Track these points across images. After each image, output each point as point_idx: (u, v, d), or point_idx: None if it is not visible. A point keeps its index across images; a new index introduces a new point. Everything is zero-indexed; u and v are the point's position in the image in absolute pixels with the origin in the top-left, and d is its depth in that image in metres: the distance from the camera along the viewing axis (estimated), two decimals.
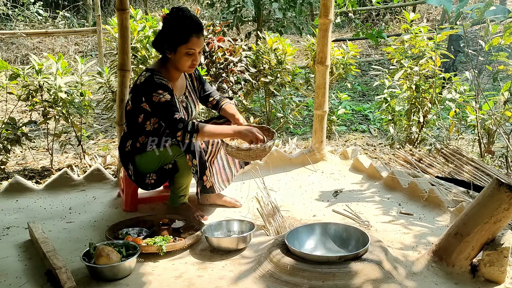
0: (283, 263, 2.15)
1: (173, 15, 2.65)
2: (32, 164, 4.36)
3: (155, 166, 2.72)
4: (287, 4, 7.14)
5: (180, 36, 2.61)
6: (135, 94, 2.70)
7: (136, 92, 2.69)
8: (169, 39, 2.64)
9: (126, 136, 2.82)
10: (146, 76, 2.65)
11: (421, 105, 4.30)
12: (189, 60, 2.66)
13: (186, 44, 2.61)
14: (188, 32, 2.60)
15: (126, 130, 2.85)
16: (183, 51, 2.63)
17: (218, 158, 2.96)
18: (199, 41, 2.64)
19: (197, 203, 3.04)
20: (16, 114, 5.77)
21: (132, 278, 2.22)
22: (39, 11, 10.43)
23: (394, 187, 3.29)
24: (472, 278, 2.15)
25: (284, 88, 5.10)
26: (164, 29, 2.68)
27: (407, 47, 4.27)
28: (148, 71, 2.69)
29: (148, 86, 2.62)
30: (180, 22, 2.62)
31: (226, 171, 3.01)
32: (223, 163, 2.98)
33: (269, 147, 2.71)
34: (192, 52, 2.64)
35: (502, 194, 2.04)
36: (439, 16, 10.42)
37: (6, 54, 9.10)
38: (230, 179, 3.03)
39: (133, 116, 2.74)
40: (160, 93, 2.60)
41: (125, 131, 2.87)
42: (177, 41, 2.62)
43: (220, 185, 2.95)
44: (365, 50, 9.64)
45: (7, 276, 2.25)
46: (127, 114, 2.79)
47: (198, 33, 2.63)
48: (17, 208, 3.06)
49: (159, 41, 2.70)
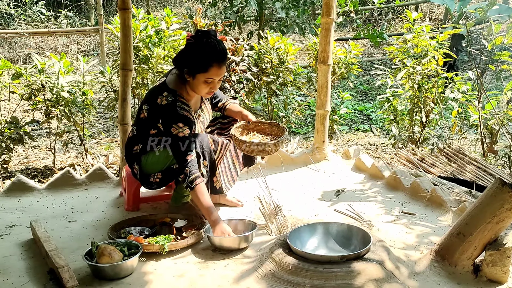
0: (285, 263, 2.15)
1: (197, 40, 2.56)
2: (34, 163, 4.37)
3: (162, 166, 2.70)
4: (290, 3, 7.13)
5: (200, 64, 2.53)
6: (154, 111, 2.63)
7: (155, 111, 2.62)
8: (189, 64, 2.56)
9: (135, 140, 2.77)
10: (169, 101, 2.56)
11: (424, 104, 4.29)
12: (207, 88, 2.59)
13: (206, 73, 2.54)
14: (209, 61, 2.52)
15: (136, 133, 2.78)
16: (202, 79, 2.56)
17: (224, 158, 2.95)
18: (220, 70, 2.56)
19: None
20: (19, 113, 5.78)
21: (134, 277, 2.22)
22: (42, 11, 10.45)
23: (396, 187, 3.28)
24: (475, 278, 2.14)
25: (286, 87, 5.10)
26: (186, 52, 2.59)
27: (409, 47, 4.26)
28: (171, 93, 2.59)
29: (170, 115, 2.56)
30: (203, 49, 2.53)
31: (231, 171, 2.99)
32: (228, 163, 2.96)
33: (281, 142, 2.74)
34: (211, 81, 2.57)
35: (505, 194, 2.03)
36: (442, 15, 10.40)
37: (9, 54, 9.12)
38: (235, 178, 3.02)
39: (146, 125, 2.69)
40: (180, 126, 2.54)
41: (134, 134, 2.80)
42: (196, 69, 2.54)
43: (226, 185, 2.94)
44: (368, 49, 9.62)
45: (10, 274, 2.25)
46: (140, 120, 2.73)
47: (220, 63, 2.54)
48: (19, 207, 3.07)
49: (179, 61, 2.63)
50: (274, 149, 2.74)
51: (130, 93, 3.40)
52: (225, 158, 2.96)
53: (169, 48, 4.23)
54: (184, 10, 9.92)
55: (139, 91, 4.38)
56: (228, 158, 2.97)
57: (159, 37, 4.19)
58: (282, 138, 2.74)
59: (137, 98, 4.50)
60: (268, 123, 2.90)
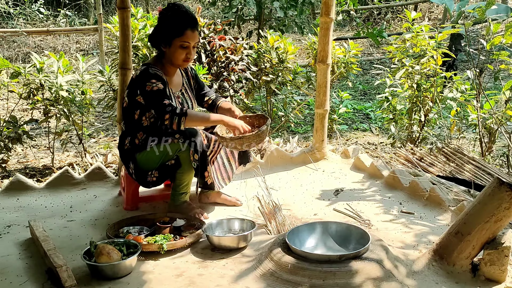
0: (284, 262, 2.15)
1: (169, 10, 2.73)
2: (33, 163, 4.37)
3: (156, 164, 2.73)
4: (289, 3, 7.13)
5: (175, 29, 2.68)
6: (131, 88, 2.77)
7: (131, 86, 2.76)
8: (164, 33, 2.71)
9: (125, 134, 2.85)
10: (141, 69, 2.73)
11: (422, 104, 4.29)
12: (183, 54, 2.72)
13: (181, 37, 2.68)
14: (183, 25, 2.67)
15: (124, 128, 2.89)
16: (178, 44, 2.69)
17: (218, 157, 2.96)
18: (194, 34, 2.70)
19: (198, 201, 3.04)
20: (17, 112, 5.78)
21: (132, 276, 2.22)
22: (41, 9, 10.43)
23: (395, 186, 3.28)
24: (473, 277, 2.15)
25: (285, 87, 5.10)
26: (160, 24, 2.76)
27: (408, 46, 4.26)
28: (144, 65, 2.78)
29: (142, 77, 2.69)
30: (175, 16, 2.70)
31: (226, 169, 3.01)
32: (223, 161, 2.98)
33: (262, 132, 2.65)
34: (187, 45, 2.70)
35: (503, 193, 2.04)
36: (440, 15, 10.40)
37: (8, 53, 9.11)
38: (230, 176, 3.03)
39: (129, 112, 2.79)
40: (153, 82, 2.66)
41: (123, 129, 2.90)
42: (172, 35, 2.69)
43: (220, 183, 2.95)
44: (367, 49, 9.63)
45: (8, 274, 2.25)
46: (124, 111, 2.84)
47: (193, 27, 2.70)
48: (18, 206, 3.06)
49: (155, 35, 2.78)
50: (257, 139, 2.66)
51: None
52: (219, 156, 2.95)
53: None
54: None
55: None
56: (223, 156, 2.98)
57: None
58: (262, 129, 2.66)
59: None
60: (255, 116, 2.92)
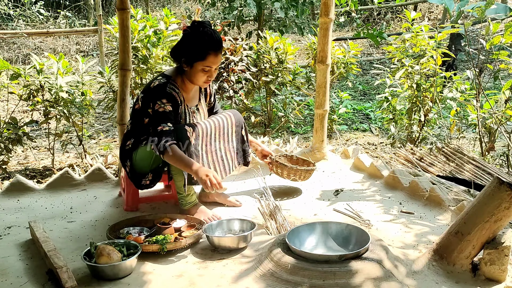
0: (284, 262, 2.15)
1: (193, 30, 2.64)
2: (33, 164, 4.37)
3: (150, 161, 2.72)
4: (289, 3, 7.14)
5: (197, 53, 2.61)
6: (146, 96, 2.70)
7: (147, 95, 2.70)
8: (187, 53, 2.64)
9: (129, 135, 2.81)
10: (160, 82, 2.66)
11: (422, 104, 4.29)
12: (204, 76, 2.67)
13: (203, 62, 2.62)
14: (206, 49, 2.60)
15: (130, 128, 2.82)
16: (199, 68, 2.63)
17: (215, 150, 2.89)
18: (217, 58, 2.64)
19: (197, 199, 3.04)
20: (18, 114, 5.78)
21: (133, 277, 2.22)
22: (41, 11, 10.45)
23: (395, 186, 3.28)
24: (473, 277, 2.15)
25: (285, 87, 5.10)
26: (183, 42, 2.67)
27: (408, 46, 4.27)
28: (165, 77, 2.70)
29: (157, 93, 2.64)
30: (199, 38, 2.61)
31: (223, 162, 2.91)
32: (221, 154, 2.88)
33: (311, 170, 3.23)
34: (208, 69, 2.65)
35: (502, 193, 2.04)
36: (440, 15, 10.41)
37: (8, 54, 9.12)
38: (227, 171, 2.92)
39: (139, 116, 2.74)
40: (163, 102, 2.62)
41: (128, 129, 2.84)
42: (194, 57, 2.62)
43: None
44: (366, 49, 9.63)
45: (8, 275, 2.25)
46: (134, 112, 2.78)
47: (217, 51, 2.62)
48: (18, 208, 3.07)
49: (177, 52, 2.70)
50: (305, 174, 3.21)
51: (129, 93, 3.40)
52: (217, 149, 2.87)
53: (168, 48, 4.23)
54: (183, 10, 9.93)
55: (137, 91, 4.38)
56: (221, 150, 2.89)
57: (157, 37, 4.19)
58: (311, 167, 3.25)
59: (136, 98, 4.50)
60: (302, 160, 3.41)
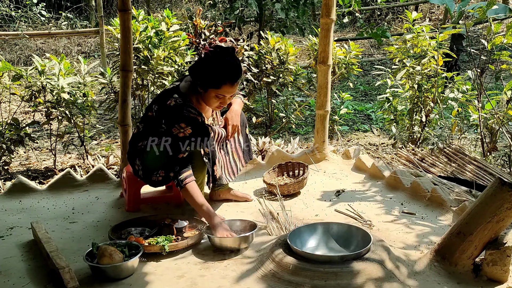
0: (285, 263, 2.15)
1: (214, 56, 2.58)
2: (35, 165, 4.38)
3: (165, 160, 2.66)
4: (290, 4, 7.14)
5: (213, 80, 2.55)
6: (161, 111, 2.64)
7: (163, 112, 2.63)
8: (202, 78, 2.58)
9: (141, 136, 2.77)
10: (178, 103, 2.59)
11: (424, 104, 4.29)
12: (217, 102, 2.63)
13: (217, 90, 2.57)
14: (223, 79, 2.54)
15: (142, 129, 2.77)
16: (213, 94, 2.59)
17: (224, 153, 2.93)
18: (232, 88, 2.58)
19: (209, 199, 3.04)
20: (19, 115, 5.79)
21: (134, 277, 2.23)
22: (42, 12, 10.46)
23: (396, 187, 3.28)
24: (475, 278, 2.15)
25: (286, 88, 5.10)
26: (202, 64, 2.61)
27: (409, 47, 4.26)
28: (181, 96, 2.63)
29: (175, 115, 2.58)
30: (218, 66, 2.54)
31: (231, 164, 2.98)
32: (229, 157, 2.95)
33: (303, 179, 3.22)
34: (221, 97, 2.61)
35: (504, 193, 2.04)
36: (441, 15, 10.40)
37: (10, 55, 9.13)
38: (235, 172, 3.00)
39: (154, 123, 2.69)
40: (182, 126, 2.57)
41: (139, 130, 2.79)
42: (209, 84, 2.57)
43: (227, 177, 2.92)
44: (367, 49, 9.62)
45: (11, 276, 2.26)
46: (147, 118, 2.74)
47: (233, 82, 2.56)
48: (20, 209, 3.07)
49: (194, 71, 2.64)
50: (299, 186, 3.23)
51: (130, 94, 3.40)
52: (225, 153, 2.93)
53: (169, 49, 4.24)
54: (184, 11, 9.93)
55: (139, 92, 4.39)
56: (229, 151, 2.96)
57: (159, 38, 4.20)
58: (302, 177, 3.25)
59: (137, 99, 4.51)
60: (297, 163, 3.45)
